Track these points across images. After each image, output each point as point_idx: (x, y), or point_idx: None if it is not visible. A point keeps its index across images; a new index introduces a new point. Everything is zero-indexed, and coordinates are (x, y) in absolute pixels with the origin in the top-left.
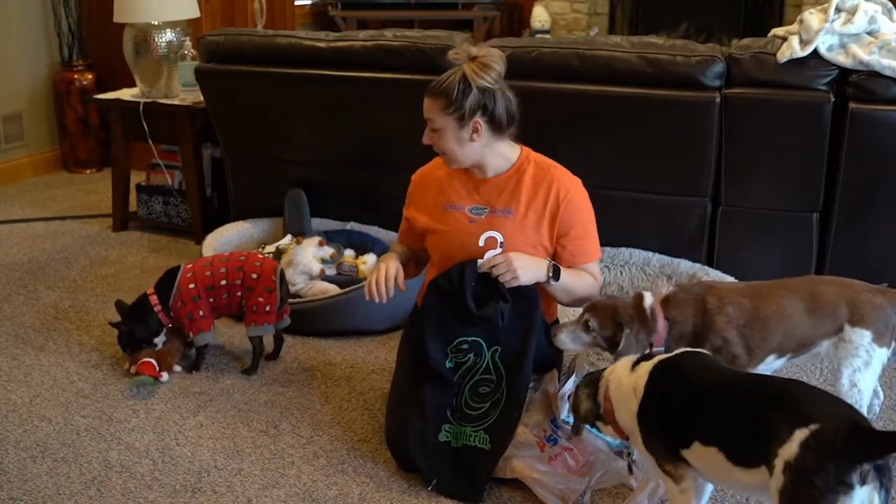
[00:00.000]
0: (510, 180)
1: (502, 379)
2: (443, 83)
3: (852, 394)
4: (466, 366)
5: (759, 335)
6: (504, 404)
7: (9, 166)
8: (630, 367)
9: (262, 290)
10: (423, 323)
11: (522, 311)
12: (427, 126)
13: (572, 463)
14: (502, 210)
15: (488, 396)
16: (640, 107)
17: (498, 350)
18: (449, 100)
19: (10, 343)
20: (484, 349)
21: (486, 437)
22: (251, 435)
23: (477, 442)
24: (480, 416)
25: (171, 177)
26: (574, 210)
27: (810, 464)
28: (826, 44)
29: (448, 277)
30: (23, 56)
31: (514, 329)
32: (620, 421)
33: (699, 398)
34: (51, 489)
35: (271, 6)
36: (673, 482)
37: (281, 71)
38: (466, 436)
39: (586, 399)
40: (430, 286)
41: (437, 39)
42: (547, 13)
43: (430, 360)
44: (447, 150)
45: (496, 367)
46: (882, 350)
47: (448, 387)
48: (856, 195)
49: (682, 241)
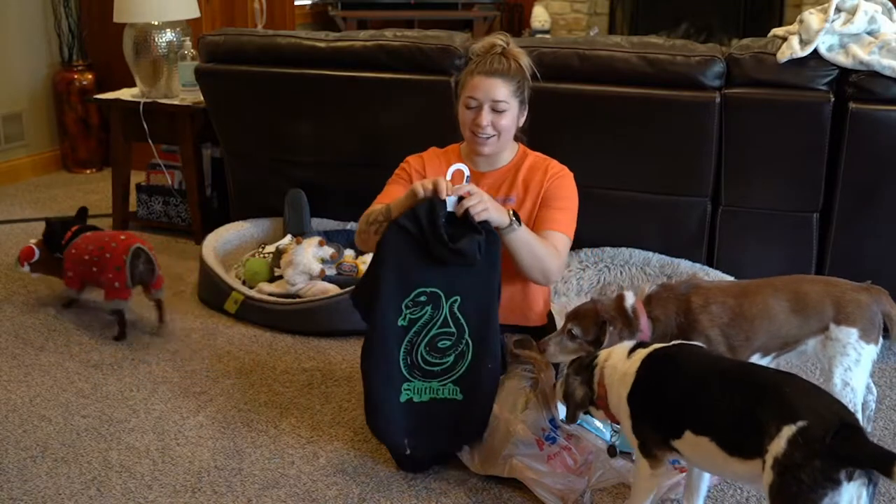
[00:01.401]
0: (510, 172)
1: (464, 331)
2: (509, 68)
3: (845, 393)
4: (422, 321)
5: (743, 334)
6: (472, 356)
7: (9, 166)
8: (627, 353)
9: (111, 268)
10: (381, 268)
11: (486, 253)
12: (483, 108)
13: (571, 462)
14: (503, 199)
15: (450, 350)
16: (640, 107)
17: (457, 301)
18: (518, 84)
19: (10, 343)
20: (442, 300)
21: (455, 388)
22: (251, 435)
23: (446, 394)
24: (445, 370)
25: (171, 177)
26: (559, 187)
27: (797, 460)
28: (826, 44)
29: (414, 217)
30: (23, 56)
31: (475, 274)
32: (612, 406)
33: (692, 388)
34: (51, 489)
35: (271, 6)
36: (649, 466)
37: (281, 71)
38: (433, 390)
39: (580, 386)
40: (392, 227)
41: (437, 39)
42: (547, 13)
43: (379, 322)
44: (506, 131)
45: (455, 319)
46: (870, 347)
47: (397, 348)
48: (856, 195)
49: (682, 241)
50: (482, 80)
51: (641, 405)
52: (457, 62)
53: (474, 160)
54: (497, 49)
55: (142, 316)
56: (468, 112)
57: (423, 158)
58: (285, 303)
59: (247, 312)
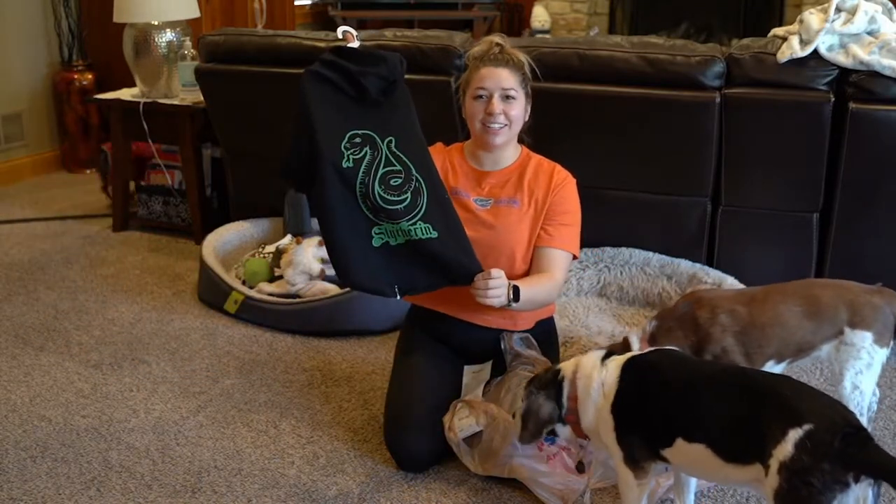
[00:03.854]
0: (514, 173)
1: (409, 168)
2: (514, 60)
3: (854, 396)
4: (366, 161)
5: (755, 342)
6: (428, 191)
7: (9, 166)
8: (599, 361)
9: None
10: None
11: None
12: (494, 97)
13: (571, 462)
14: (507, 200)
15: (404, 186)
16: (640, 107)
17: (392, 140)
18: (523, 76)
19: (10, 343)
20: (377, 141)
21: (427, 226)
22: (251, 435)
23: (421, 234)
24: (407, 208)
25: (170, 177)
26: (564, 199)
27: (806, 463)
28: (826, 44)
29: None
30: (23, 56)
31: (398, 114)
32: (585, 420)
33: (681, 394)
34: (51, 489)
35: (271, 6)
36: (634, 477)
37: (281, 71)
38: (405, 231)
39: (546, 402)
40: (309, 77)
41: (437, 39)
42: (547, 13)
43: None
44: (517, 120)
45: (397, 157)
46: (883, 350)
47: (351, 190)
48: (856, 195)
49: (682, 241)
50: (490, 70)
51: (627, 414)
52: (457, 62)
53: (480, 159)
54: (496, 49)
55: (142, 316)
56: (478, 104)
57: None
58: (285, 303)
59: (247, 312)
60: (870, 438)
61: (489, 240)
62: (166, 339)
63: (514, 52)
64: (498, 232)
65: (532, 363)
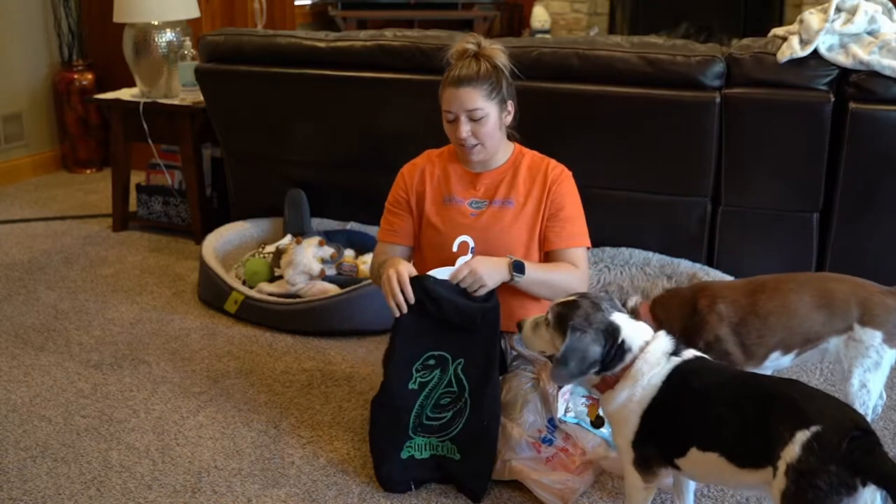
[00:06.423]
0: (507, 172)
1: (464, 389)
2: (478, 71)
3: (861, 394)
4: (431, 384)
5: (755, 332)
6: (469, 413)
7: (9, 166)
8: (668, 356)
9: None
10: (394, 334)
11: (485, 319)
12: (460, 120)
13: (569, 463)
14: (502, 201)
15: (450, 406)
16: (640, 107)
17: (461, 363)
18: (491, 85)
19: (10, 343)
20: (449, 363)
21: (453, 448)
22: (251, 435)
23: (445, 452)
24: (443, 426)
25: (171, 177)
26: (564, 193)
27: (813, 465)
28: (826, 44)
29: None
30: (23, 56)
31: (477, 336)
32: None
33: (700, 403)
34: (51, 489)
35: (271, 6)
36: (642, 480)
37: (281, 71)
38: (433, 446)
39: (594, 345)
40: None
41: (437, 39)
42: (547, 13)
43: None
44: (489, 137)
45: (458, 379)
46: (892, 351)
47: (407, 411)
48: (856, 195)
49: (682, 241)
50: (452, 92)
51: (652, 424)
52: None
53: (471, 162)
54: (469, 52)
55: (142, 316)
56: (449, 126)
57: (418, 166)
58: (285, 303)
59: (247, 312)
60: (877, 443)
61: (485, 243)
62: (166, 339)
63: (489, 55)
64: (493, 234)
65: (532, 363)
